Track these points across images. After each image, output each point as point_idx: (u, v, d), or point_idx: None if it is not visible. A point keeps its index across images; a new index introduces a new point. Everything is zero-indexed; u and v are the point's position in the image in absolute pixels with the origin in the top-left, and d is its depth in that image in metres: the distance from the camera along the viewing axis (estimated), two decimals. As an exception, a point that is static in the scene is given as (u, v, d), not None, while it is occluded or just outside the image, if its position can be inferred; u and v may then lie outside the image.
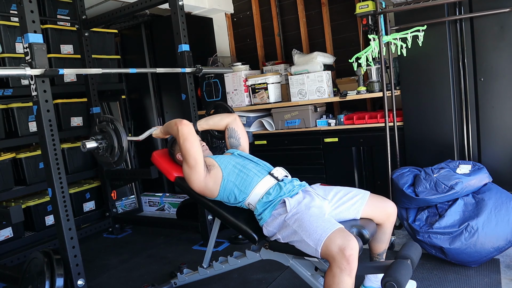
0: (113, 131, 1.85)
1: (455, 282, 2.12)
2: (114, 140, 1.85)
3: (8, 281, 2.43)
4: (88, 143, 1.89)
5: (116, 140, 1.84)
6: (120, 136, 1.83)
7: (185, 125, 1.90)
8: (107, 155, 1.90)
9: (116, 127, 1.84)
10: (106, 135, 1.89)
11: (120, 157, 1.86)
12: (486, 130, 2.62)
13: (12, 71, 1.95)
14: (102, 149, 1.91)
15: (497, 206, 2.22)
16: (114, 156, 1.87)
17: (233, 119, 2.22)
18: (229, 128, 2.21)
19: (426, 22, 2.59)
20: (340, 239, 1.52)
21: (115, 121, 1.85)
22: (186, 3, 3.50)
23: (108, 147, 1.90)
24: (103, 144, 1.90)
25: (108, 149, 1.90)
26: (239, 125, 2.23)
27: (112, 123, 1.86)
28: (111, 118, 1.88)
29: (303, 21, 3.91)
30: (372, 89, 3.08)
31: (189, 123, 1.93)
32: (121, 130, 1.84)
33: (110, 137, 1.86)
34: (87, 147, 1.88)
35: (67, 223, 2.08)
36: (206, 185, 1.92)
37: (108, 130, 1.86)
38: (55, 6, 3.43)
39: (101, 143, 1.90)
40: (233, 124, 2.21)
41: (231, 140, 2.20)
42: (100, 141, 1.90)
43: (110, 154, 1.89)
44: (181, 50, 2.76)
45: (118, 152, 1.85)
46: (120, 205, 4.00)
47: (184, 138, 1.88)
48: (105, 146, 1.91)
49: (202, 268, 2.16)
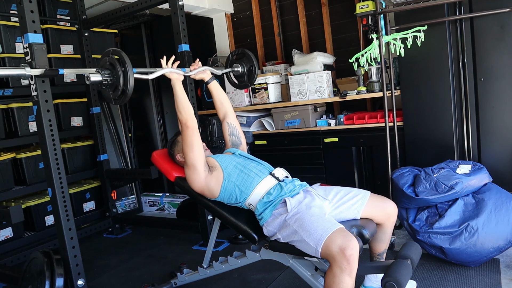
0: (122, 73, 1.74)
1: (455, 282, 2.12)
2: (120, 80, 1.74)
3: (8, 281, 2.43)
4: (93, 76, 1.78)
5: (122, 81, 1.74)
6: (127, 78, 1.73)
7: (189, 127, 1.88)
8: (110, 92, 1.81)
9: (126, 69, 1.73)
10: (114, 72, 1.78)
11: (122, 98, 1.77)
12: (486, 130, 2.62)
13: (12, 71, 1.95)
14: (106, 85, 1.81)
15: (497, 206, 2.22)
16: (117, 94, 1.78)
17: (233, 113, 2.22)
18: (229, 124, 2.19)
19: (426, 22, 2.59)
20: (340, 239, 1.52)
21: (126, 64, 1.74)
22: (186, 3, 3.50)
23: (112, 85, 1.80)
24: (108, 80, 1.80)
25: (112, 87, 1.80)
26: (238, 123, 2.23)
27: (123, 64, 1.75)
28: (123, 58, 1.76)
29: (303, 21, 3.91)
30: (372, 89, 3.08)
31: (194, 125, 1.89)
32: (130, 73, 1.73)
33: (117, 76, 1.75)
34: (91, 80, 1.77)
35: (67, 223, 2.08)
36: (207, 185, 1.92)
37: (117, 68, 1.75)
38: (55, 6, 3.44)
39: (106, 79, 1.80)
40: (233, 120, 2.20)
41: (232, 138, 2.19)
42: (106, 77, 1.80)
43: (113, 92, 1.79)
44: (181, 50, 2.76)
45: (122, 92, 1.76)
46: (120, 205, 4.00)
47: (187, 126, 1.88)
48: (109, 83, 1.80)
49: (202, 268, 2.16)
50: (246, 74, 2.48)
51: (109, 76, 1.80)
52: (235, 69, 2.48)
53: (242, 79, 2.52)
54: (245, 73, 2.48)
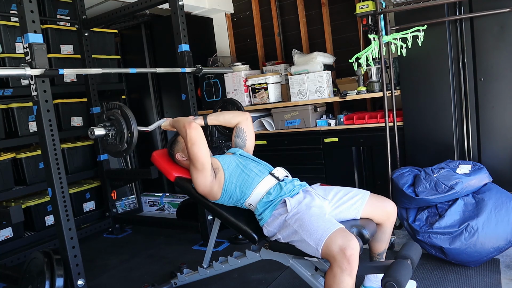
0: (122, 118, 1.77)
1: (455, 282, 2.12)
2: (123, 127, 1.77)
3: (8, 281, 2.43)
4: (96, 129, 1.81)
5: (125, 126, 1.77)
6: (130, 122, 1.75)
7: (194, 128, 1.85)
8: (116, 143, 1.82)
9: (126, 113, 1.76)
10: (115, 122, 1.81)
11: (130, 145, 1.78)
12: (486, 130, 2.62)
13: (12, 71, 1.95)
14: (111, 136, 1.83)
15: (497, 206, 2.22)
16: (123, 143, 1.79)
17: (245, 119, 2.17)
18: (238, 127, 2.17)
19: (426, 22, 2.59)
20: (340, 239, 1.52)
21: (124, 107, 1.77)
22: (186, 3, 3.50)
23: (117, 134, 1.81)
24: (112, 131, 1.82)
25: (117, 136, 1.82)
26: (249, 125, 2.18)
27: (121, 110, 1.78)
28: (120, 104, 1.80)
29: (303, 21, 3.91)
30: (372, 89, 3.08)
31: (197, 126, 1.88)
32: (131, 116, 1.75)
33: (119, 124, 1.78)
34: (96, 134, 1.80)
35: (67, 223, 2.08)
36: (211, 188, 1.91)
37: (117, 116, 1.78)
38: (55, 6, 3.43)
39: (109, 130, 1.82)
40: (243, 124, 2.16)
41: (236, 140, 2.17)
42: (109, 128, 1.82)
43: (119, 142, 1.81)
44: (181, 50, 2.76)
45: (128, 139, 1.78)
46: (120, 205, 4.00)
47: (193, 143, 1.84)
48: (114, 133, 1.82)
49: (202, 268, 2.16)
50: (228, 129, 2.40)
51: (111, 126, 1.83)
52: None
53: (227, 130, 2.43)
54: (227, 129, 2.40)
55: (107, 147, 1.89)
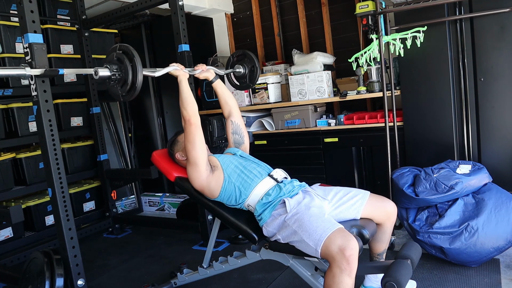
0: (131, 67, 1.72)
1: (455, 282, 2.12)
2: (129, 75, 1.72)
3: (8, 281, 2.43)
4: (101, 70, 1.77)
5: (131, 75, 1.72)
6: (136, 73, 1.71)
7: (193, 124, 1.88)
8: (118, 87, 1.79)
9: (135, 64, 1.71)
10: (123, 67, 1.75)
11: (130, 94, 1.75)
12: (486, 130, 2.62)
13: (12, 71, 1.95)
14: (115, 80, 1.79)
15: (497, 206, 2.22)
16: (125, 90, 1.76)
17: (238, 111, 2.21)
18: (233, 122, 2.18)
19: (426, 22, 2.59)
20: (340, 239, 1.52)
21: (135, 57, 1.72)
22: (186, 3, 3.49)
23: (121, 80, 1.77)
24: (117, 75, 1.78)
25: (120, 82, 1.78)
26: (242, 121, 2.22)
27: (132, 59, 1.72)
28: (131, 52, 1.73)
29: (303, 21, 3.91)
30: (372, 89, 3.08)
31: (197, 123, 1.88)
32: (139, 68, 1.70)
33: (125, 71, 1.73)
34: (100, 75, 1.76)
35: (67, 223, 2.08)
36: (208, 184, 1.92)
37: (126, 63, 1.73)
38: (55, 6, 3.43)
39: (114, 74, 1.78)
40: (238, 118, 2.19)
41: (235, 137, 2.18)
42: (114, 72, 1.78)
43: (121, 87, 1.77)
44: (181, 50, 2.76)
45: (131, 87, 1.74)
46: (120, 205, 4.00)
47: (191, 123, 1.87)
48: (118, 78, 1.78)
49: (202, 268, 2.16)
50: (247, 75, 2.50)
51: (117, 71, 1.78)
52: (236, 70, 2.48)
53: (243, 80, 2.52)
54: (246, 74, 2.49)
55: (109, 88, 1.85)
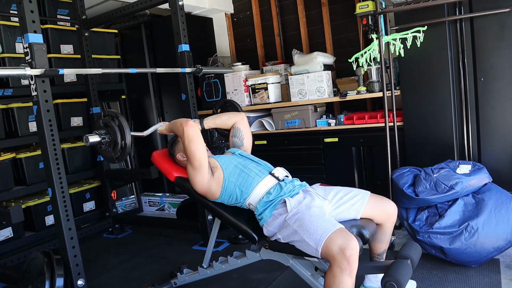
0: (117, 127, 1.82)
1: (455, 282, 2.12)
2: (117, 136, 1.82)
3: (8, 281, 2.43)
4: (91, 137, 1.86)
5: (119, 135, 1.82)
6: (124, 132, 1.81)
7: (191, 126, 1.89)
8: (110, 150, 1.87)
9: (120, 123, 1.81)
10: (110, 130, 1.86)
11: (123, 153, 1.84)
12: (486, 130, 2.62)
13: (12, 71, 1.95)
14: (105, 144, 1.88)
15: (497, 206, 2.22)
16: (117, 151, 1.84)
17: (241, 119, 2.20)
18: (234, 127, 2.19)
19: (426, 22, 2.59)
20: (340, 239, 1.52)
21: (119, 116, 1.82)
22: (186, 3, 3.49)
23: (111, 142, 1.87)
24: (106, 139, 1.87)
25: (111, 144, 1.87)
26: (245, 125, 2.21)
27: (116, 118, 1.83)
28: (115, 113, 1.85)
29: (303, 21, 3.91)
30: (372, 89, 3.08)
31: (194, 124, 1.91)
32: (125, 125, 1.81)
33: (113, 132, 1.83)
34: (90, 141, 1.86)
35: (67, 223, 2.08)
36: (209, 187, 1.92)
37: (112, 125, 1.83)
38: (55, 6, 3.44)
39: (104, 138, 1.87)
40: (239, 123, 2.19)
41: (234, 140, 2.18)
42: (104, 136, 1.87)
43: (113, 150, 1.86)
44: (181, 50, 2.76)
45: (121, 147, 1.82)
46: (120, 205, 4.00)
47: (190, 140, 1.87)
48: (108, 141, 1.87)
49: (202, 268, 2.16)
50: None
51: (105, 134, 1.87)
52: None
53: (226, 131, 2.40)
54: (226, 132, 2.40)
55: (101, 153, 1.95)
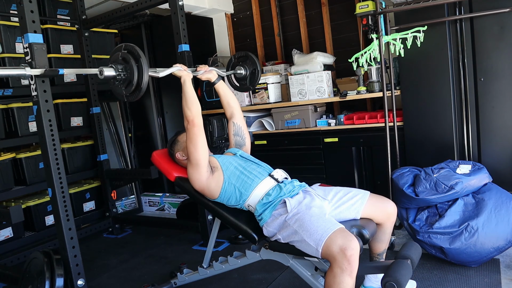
0: (137, 67, 1.71)
1: (455, 282, 2.12)
2: (134, 76, 1.71)
3: (8, 281, 2.43)
4: (107, 70, 1.76)
5: (137, 76, 1.71)
6: (142, 74, 1.70)
7: (196, 125, 1.86)
8: (122, 88, 1.78)
9: (141, 65, 1.70)
10: (128, 67, 1.74)
11: (135, 95, 1.74)
12: (486, 130, 2.62)
13: (12, 71, 1.95)
14: (119, 81, 1.78)
15: (497, 206, 2.22)
16: (129, 90, 1.75)
17: (241, 115, 2.22)
18: (235, 124, 2.19)
19: (426, 22, 2.59)
20: (341, 239, 1.52)
21: (141, 58, 1.71)
22: (186, 3, 3.49)
23: (126, 80, 1.77)
24: (122, 76, 1.77)
25: (125, 82, 1.77)
26: (244, 123, 2.22)
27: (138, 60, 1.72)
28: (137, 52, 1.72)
29: (303, 21, 3.91)
30: (372, 89, 3.08)
31: (200, 124, 1.87)
32: (146, 69, 1.70)
33: (131, 72, 1.72)
34: (105, 75, 1.75)
35: (67, 223, 2.08)
36: (208, 185, 1.92)
37: (131, 63, 1.72)
38: (55, 6, 3.43)
39: (119, 74, 1.77)
40: (240, 120, 2.19)
41: (236, 138, 2.18)
42: (120, 72, 1.77)
43: (125, 87, 1.76)
44: (181, 50, 2.76)
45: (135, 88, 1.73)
46: (120, 205, 4.00)
47: (194, 124, 1.85)
48: (123, 78, 1.77)
49: (202, 268, 2.16)
50: (248, 77, 2.48)
51: (122, 71, 1.77)
52: (237, 71, 2.47)
53: (244, 82, 2.51)
54: (247, 76, 2.47)
55: (112, 87, 1.84)
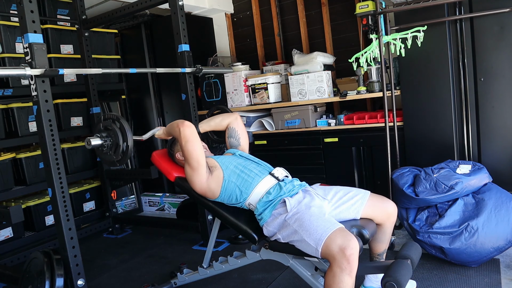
0: (119, 129, 1.82)
1: (455, 282, 2.12)
2: (119, 139, 1.81)
3: (8, 281, 2.43)
4: (93, 140, 1.86)
5: (121, 138, 1.81)
6: (126, 135, 1.80)
7: (187, 126, 1.89)
8: (111, 153, 1.87)
9: (122, 125, 1.81)
10: (111, 132, 1.85)
11: (124, 156, 1.83)
12: (486, 130, 2.62)
13: (12, 71, 1.95)
14: (107, 147, 1.88)
15: (497, 206, 2.22)
16: (118, 154, 1.84)
17: (234, 119, 2.21)
18: (229, 127, 2.20)
19: (426, 22, 2.59)
20: (340, 238, 1.52)
21: (121, 119, 1.82)
22: (186, 3, 3.50)
23: (112, 145, 1.86)
24: (108, 142, 1.87)
25: (112, 147, 1.86)
26: (240, 124, 2.22)
27: (118, 121, 1.83)
28: (116, 116, 1.85)
29: (303, 21, 3.91)
30: (372, 89, 3.08)
31: (191, 124, 1.92)
32: (127, 128, 1.80)
33: (115, 135, 1.83)
34: (92, 144, 1.85)
35: (67, 223, 2.08)
36: (208, 186, 1.92)
37: (114, 128, 1.83)
38: (55, 6, 3.44)
39: (105, 141, 1.87)
40: (233, 123, 2.20)
41: (230, 140, 2.19)
42: (105, 139, 1.87)
43: (114, 153, 1.85)
44: (181, 50, 2.76)
45: (123, 150, 1.82)
46: (120, 205, 4.00)
47: (186, 140, 1.88)
48: (110, 144, 1.87)
49: (202, 268, 2.16)
50: None
51: (107, 136, 1.87)
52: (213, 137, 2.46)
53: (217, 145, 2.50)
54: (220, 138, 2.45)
55: (102, 156, 1.93)
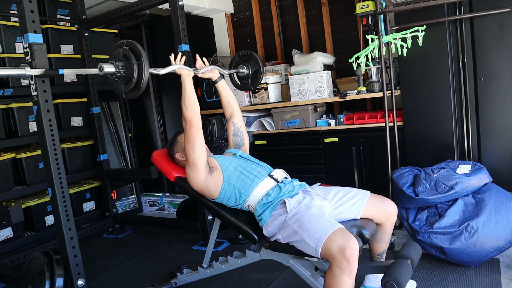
0: (137, 65, 1.69)
1: (455, 282, 2.12)
2: (134, 74, 1.69)
3: (8, 281, 2.43)
4: (106, 66, 1.74)
5: (136, 74, 1.69)
6: (142, 73, 1.68)
7: (193, 126, 1.85)
8: (122, 84, 1.76)
9: (142, 63, 1.68)
10: (128, 65, 1.72)
11: (134, 92, 1.72)
12: (486, 130, 2.62)
13: (12, 71, 1.95)
14: (119, 78, 1.76)
15: (497, 206, 2.22)
16: (128, 87, 1.74)
17: (239, 113, 2.21)
18: (235, 124, 2.18)
19: (426, 22, 2.59)
20: (340, 239, 1.52)
21: (142, 57, 1.68)
22: (186, 3, 3.49)
23: (125, 78, 1.75)
24: (122, 73, 1.75)
25: (125, 79, 1.75)
26: (242, 123, 2.22)
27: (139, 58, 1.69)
28: (139, 50, 1.70)
29: (303, 21, 3.91)
30: (372, 89, 3.08)
31: (198, 124, 1.85)
32: (146, 67, 1.68)
33: (131, 70, 1.70)
34: (105, 71, 1.74)
35: (67, 223, 2.08)
36: (206, 185, 1.92)
37: (132, 60, 1.69)
38: (55, 6, 3.44)
39: (119, 71, 1.75)
40: (238, 120, 2.19)
41: (235, 139, 2.18)
42: (120, 70, 1.75)
43: (125, 84, 1.75)
44: (181, 50, 2.76)
45: (135, 86, 1.71)
46: (120, 205, 4.00)
47: (192, 125, 1.84)
48: (123, 75, 1.75)
49: (202, 268, 2.16)
50: (250, 77, 2.44)
51: (122, 68, 1.75)
52: (240, 70, 2.43)
53: (245, 81, 2.47)
54: (249, 76, 2.44)
55: (111, 83, 1.82)
